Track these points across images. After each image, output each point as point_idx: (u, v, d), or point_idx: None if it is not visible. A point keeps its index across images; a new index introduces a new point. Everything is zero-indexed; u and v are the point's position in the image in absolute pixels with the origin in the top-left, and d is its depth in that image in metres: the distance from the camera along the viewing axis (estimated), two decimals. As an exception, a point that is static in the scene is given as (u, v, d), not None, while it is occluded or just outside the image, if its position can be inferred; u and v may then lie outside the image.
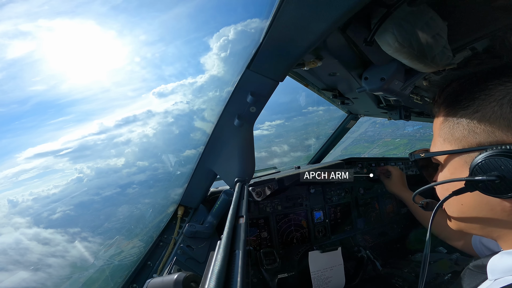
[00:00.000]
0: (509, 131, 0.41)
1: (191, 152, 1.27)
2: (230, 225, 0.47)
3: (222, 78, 1.11)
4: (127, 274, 1.13)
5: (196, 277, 0.57)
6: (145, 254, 1.19)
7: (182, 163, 1.50)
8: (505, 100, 0.41)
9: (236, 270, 0.36)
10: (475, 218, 0.49)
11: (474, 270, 0.50)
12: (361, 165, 2.01)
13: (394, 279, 1.57)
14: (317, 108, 20.99)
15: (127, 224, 1.88)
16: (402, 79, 1.03)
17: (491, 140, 0.42)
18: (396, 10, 0.74)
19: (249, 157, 1.13)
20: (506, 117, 0.41)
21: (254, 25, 0.79)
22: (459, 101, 0.47)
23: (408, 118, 1.69)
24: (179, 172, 1.49)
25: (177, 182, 1.37)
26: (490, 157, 0.42)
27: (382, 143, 17.82)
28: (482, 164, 0.43)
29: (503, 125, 0.41)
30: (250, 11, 0.83)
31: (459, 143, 0.47)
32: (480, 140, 0.44)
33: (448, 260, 1.48)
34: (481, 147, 0.43)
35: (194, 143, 1.25)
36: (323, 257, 1.43)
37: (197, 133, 1.26)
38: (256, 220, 1.62)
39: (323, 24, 0.67)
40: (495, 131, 0.42)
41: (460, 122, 0.46)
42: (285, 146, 15.56)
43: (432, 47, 0.85)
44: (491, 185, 0.42)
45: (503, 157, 0.40)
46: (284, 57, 0.81)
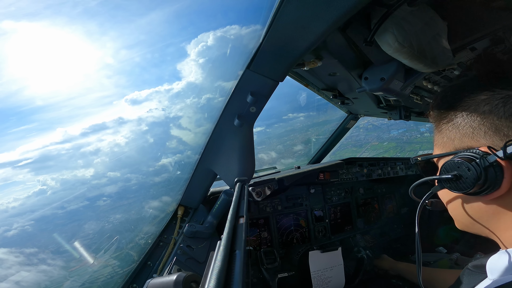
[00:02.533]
0: (474, 137, 0.47)
1: (167, 160, 1.25)
2: (230, 225, 0.47)
3: (200, 85, 1.11)
4: (127, 274, 1.13)
5: (196, 277, 0.57)
6: (145, 254, 1.19)
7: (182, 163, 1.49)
8: (470, 110, 0.47)
9: (236, 270, 0.36)
10: (465, 217, 0.53)
11: (473, 270, 0.51)
12: (361, 165, 2.01)
13: (394, 279, 1.57)
14: (298, 115, 20.95)
15: (97, 240, 1.76)
16: (402, 79, 1.03)
17: (462, 145, 0.49)
18: (396, 10, 0.74)
19: (249, 157, 1.13)
20: (471, 125, 0.47)
21: (254, 25, 0.79)
22: (441, 112, 0.54)
23: (408, 118, 1.69)
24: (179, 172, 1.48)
25: (177, 182, 1.37)
26: (452, 160, 0.49)
27: (371, 147, 17.89)
28: (445, 165, 0.50)
29: (469, 132, 0.48)
30: (250, 11, 0.83)
31: (443, 148, 0.54)
32: (455, 145, 0.50)
33: (448, 260, 1.48)
34: (453, 152, 0.50)
35: (170, 152, 1.23)
36: (323, 257, 1.43)
37: (173, 141, 1.25)
38: (256, 220, 1.62)
39: (323, 24, 0.67)
40: (463, 137, 0.49)
41: (442, 130, 0.54)
42: (273, 153, 15.56)
43: (432, 47, 0.85)
44: (454, 184, 0.49)
45: (460, 159, 0.47)
46: (284, 57, 0.81)
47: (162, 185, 1.29)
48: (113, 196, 2.89)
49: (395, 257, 1.87)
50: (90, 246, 1.80)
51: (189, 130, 1.08)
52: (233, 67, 0.92)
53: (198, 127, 1.24)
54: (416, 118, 1.94)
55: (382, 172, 2.10)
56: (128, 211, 2.01)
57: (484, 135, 0.46)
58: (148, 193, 1.63)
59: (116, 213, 2.41)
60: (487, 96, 0.46)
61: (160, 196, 1.31)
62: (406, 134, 17.78)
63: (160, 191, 1.29)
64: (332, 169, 1.78)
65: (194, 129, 1.20)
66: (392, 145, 17.62)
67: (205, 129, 1.09)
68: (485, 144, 0.45)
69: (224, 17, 1.88)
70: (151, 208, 1.34)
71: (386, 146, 17.64)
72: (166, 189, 1.46)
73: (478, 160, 0.44)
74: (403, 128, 17.82)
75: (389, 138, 18.28)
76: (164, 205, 1.40)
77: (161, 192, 1.29)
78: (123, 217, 1.88)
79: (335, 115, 2.01)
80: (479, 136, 0.46)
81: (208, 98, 1.25)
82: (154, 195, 1.35)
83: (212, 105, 1.06)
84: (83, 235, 2.17)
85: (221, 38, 1.04)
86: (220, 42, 1.10)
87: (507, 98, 0.43)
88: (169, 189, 1.43)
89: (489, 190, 0.45)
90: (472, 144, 0.47)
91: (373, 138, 18.67)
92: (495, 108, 0.44)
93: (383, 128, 18.64)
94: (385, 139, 18.31)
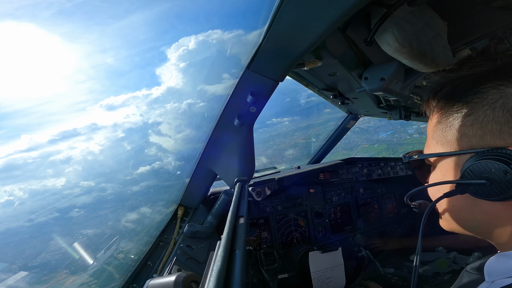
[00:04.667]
0: (501, 135, 0.41)
1: (145, 168, 1.23)
2: (230, 225, 0.47)
3: (180, 90, 1.10)
4: (127, 274, 1.13)
5: (196, 277, 0.57)
6: (145, 254, 1.19)
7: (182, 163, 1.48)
8: (498, 104, 0.41)
9: (236, 270, 0.36)
10: (467, 220, 0.49)
11: (471, 272, 0.50)
12: (361, 165, 2.01)
13: (394, 279, 1.57)
14: (282, 120, 20.74)
15: (69, 255, 1.64)
16: (402, 79, 1.03)
17: (483, 144, 0.43)
18: (396, 10, 0.74)
19: (249, 157, 1.13)
20: (498, 121, 0.41)
21: (254, 25, 0.79)
22: (452, 104, 0.47)
23: (408, 118, 1.69)
24: (179, 172, 1.48)
25: (177, 182, 1.36)
26: (480, 161, 0.42)
27: (362, 149, 17.88)
28: (472, 167, 0.43)
29: (494, 129, 0.41)
30: (250, 12, 0.83)
31: (451, 146, 0.47)
32: (472, 143, 0.44)
33: (446, 259, 1.48)
34: (472, 150, 0.43)
35: (149, 159, 1.21)
36: (323, 257, 1.43)
37: (152, 148, 1.23)
38: (256, 220, 1.62)
39: (323, 24, 0.67)
40: (486, 134, 0.42)
41: (453, 125, 0.46)
42: (263, 158, 15.23)
43: (432, 47, 0.85)
44: (481, 188, 0.43)
45: (493, 161, 0.41)
46: (284, 57, 0.81)
47: (141, 194, 1.25)
48: (87, 207, 2.75)
49: (395, 257, 1.88)
50: (63, 261, 1.69)
51: (169, 136, 1.06)
52: (233, 67, 0.92)
53: (179, 133, 1.21)
54: (416, 118, 1.94)
55: (382, 172, 2.10)
56: (104, 223, 1.93)
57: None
58: (125, 204, 1.57)
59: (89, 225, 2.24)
60: None
61: (138, 207, 1.27)
62: (395, 136, 17.81)
63: (139, 202, 1.25)
64: (332, 169, 1.78)
65: (174, 135, 1.17)
66: (383, 147, 17.62)
67: (185, 134, 1.07)
68: None
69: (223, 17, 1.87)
70: (128, 221, 1.29)
71: (377, 148, 17.64)
72: (145, 199, 1.41)
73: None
74: (391, 130, 17.89)
75: (379, 140, 18.28)
76: (142, 217, 1.35)
77: (139, 202, 1.25)
78: (98, 230, 1.79)
79: (319, 119, 1.98)
80: (508, 134, 0.40)
81: (167, 109, 1.22)
82: (132, 206, 1.31)
83: (169, 118, 1.04)
84: (54, 248, 1.94)
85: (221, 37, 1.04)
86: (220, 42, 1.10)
87: None
88: (147, 199, 1.39)
89: None
90: (497, 143, 0.41)
91: (362, 140, 18.68)
92: None
93: (371, 131, 18.65)
94: (374, 141, 18.30)
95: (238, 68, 0.89)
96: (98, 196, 2.94)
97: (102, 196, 2.86)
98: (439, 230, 0.56)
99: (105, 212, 2.47)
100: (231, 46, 0.99)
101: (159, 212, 1.29)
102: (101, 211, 2.90)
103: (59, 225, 2.39)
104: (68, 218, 2.77)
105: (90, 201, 2.91)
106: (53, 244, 1.98)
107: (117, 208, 1.56)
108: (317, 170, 1.72)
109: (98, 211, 2.94)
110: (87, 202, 2.95)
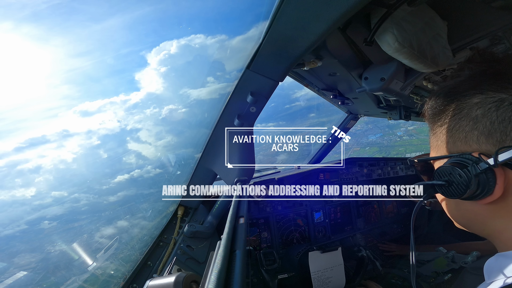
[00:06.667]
0: (466, 142, 0.46)
1: (123, 177, 1.18)
2: (230, 225, 0.47)
3: (161, 95, 1.08)
4: (127, 274, 1.13)
5: (196, 277, 0.57)
6: (145, 254, 1.19)
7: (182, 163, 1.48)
8: (463, 114, 0.46)
9: (236, 270, 0.36)
10: (461, 218, 0.53)
11: (472, 272, 0.51)
12: (361, 165, 2.01)
13: (394, 279, 1.57)
14: (267, 125, 20.66)
15: (42, 269, 1.55)
16: (402, 79, 1.03)
17: (456, 150, 0.48)
18: (396, 10, 0.74)
19: (249, 157, 1.13)
20: (463, 130, 0.46)
21: (254, 25, 0.79)
22: (433, 114, 0.53)
23: (408, 118, 1.69)
24: (179, 172, 1.48)
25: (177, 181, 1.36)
26: (444, 165, 0.48)
27: (353, 153, 17.87)
28: (438, 170, 0.49)
29: (462, 136, 0.46)
30: (250, 12, 0.83)
31: (437, 151, 0.53)
32: (449, 149, 0.49)
33: (444, 258, 1.48)
34: (446, 156, 0.49)
35: (128, 167, 1.15)
36: (323, 257, 1.43)
37: (131, 155, 1.19)
38: (256, 220, 1.62)
39: (323, 24, 0.67)
40: (457, 141, 0.47)
41: (436, 133, 0.53)
42: None
43: (432, 47, 0.85)
44: (445, 188, 0.48)
45: (451, 165, 0.46)
46: (284, 57, 0.81)
47: (119, 205, 1.19)
48: (59, 219, 2.60)
49: (395, 257, 1.88)
50: (33, 278, 1.59)
51: (149, 143, 1.02)
52: (233, 68, 0.92)
53: (159, 140, 1.18)
54: (416, 118, 1.94)
55: (382, 172, 2.10)
56: (79, 235, 1.83)
57: (476, 140, 0.44)
58: (101, 216, 1.50)
59: (61, 238, 2.05)
60: (480, 99, 0.44)
61: (115, 220, 1.22)
62: (384, 138, 17.82)
63: (117, 213, 1.20)
64: (332, 169, 1.79)
65: (154, 142, 1.13)
66: (375, 149, 17.58)
67: (166, 141, 1.06)
68: (477, 149, 0.44)
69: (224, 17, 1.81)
70: (103, 236, 1.23)
71: (368, 151, 17.60)
72: (124, 209, 1.34)
73: (469, 167, 0.44)
74: (379, 133, 17.92)
75: (369, 143, 18.27)
76: (119, 231, 1.29)
77: (118, 214, 1.20)
78: (72, 242, 1.68)
79: (303, 124, 1.96)
80: (472, 141, 0.45)
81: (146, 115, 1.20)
82: (109, 218, 1.25)
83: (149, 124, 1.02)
84: (23, 263, 1.76)
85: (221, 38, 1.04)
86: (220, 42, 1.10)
87: (499, 102, 0.42)
88: (127, 210, 1.33)
89: (481, 196, 0.44)
90: (465, 149, 0.46)
91: (353, 144, 18.66)
92: (488, 112, 0.43)
93: (359, 134, 18.62)
94: (365, 144, 18.29)
95: (238, 68, 0.90)
96: (70, 207, 2.77)
97: (75, 207, 2.71)
98: (473, 236, 0.59)
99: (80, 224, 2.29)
100: (231, 46, 0.99)
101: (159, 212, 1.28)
102: (75, 223, 2.73)
103: (28, 238, 2.22)
104: (39, 230, 2.60)
105: (62, 212, 2.75)
106: (21, 258, 1.82)
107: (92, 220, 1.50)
108: (317, 170, 1.72)
109: (72, 223, 2.77)
110: (59, 213, 2.79)
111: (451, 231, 2.09)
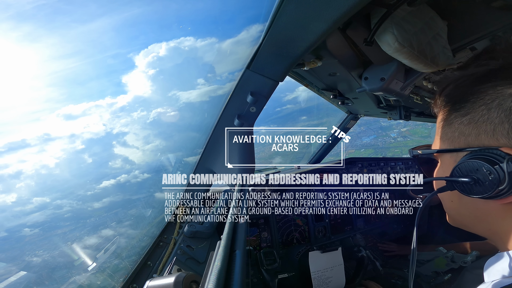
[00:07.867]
0: (494, 135, 0.42)
1: (109, 182, 1.17)
2: (230, 225, 0.47)
3: (149, 98, 1.07)
4: (127, 274, 1.13)
5: (196, 277, 0.57)
6: (145, 254, 1.19)
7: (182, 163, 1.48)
8: (494, 104, 0.42)
9: (236, 270, 0.36)
10: (466, 216, 0.50)
11: (472, 272, 0.51)
12: (361, 165, 2.01)
13: (394, 279, 1.57)
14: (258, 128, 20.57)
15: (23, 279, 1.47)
16: (402, 79, 1.03)
17: (478, 143, 0.44)
18: (396, 10, 0.74)
19: (249, 157, 1.13)
20: (492, 122, 0.42)
21: (254, 25, 0.79)
22: (453, 102, 0.48)
23: (408, 118, 1.69)
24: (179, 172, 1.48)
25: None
26: (469, 159, 0.43)
27: (348, 155, 17.93)
28: (462, 165, 0.44)
29: (488, 129, 0.42)
30: (250, 12, 0.83)
31: (451, 143, 0.48)
32: (468, 142, 0.45)
33: (444, 258, 1.48)
34: (467, 149, 0.45)
35: (114, 172, 1.14)
36: (323, 257, 1.43)
37: (117, 160, 1.17)
38: (256, 220, 1.62)
39: (323, 24, 0.67)
40: (481, 134, 0.43)
41: (453, 123, 0.48)
42: None
43: (432, 47, 0.85)
44: (467, 186, 0.44)
45: (480, 160, 0.42)
46: (284, 57, 0.81)
47: (105, 211, 1.18)
48: (41, 225, 2.52)
49: (395, 257, 1.88)
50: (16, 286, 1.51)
51: (136, 147, 1.02)
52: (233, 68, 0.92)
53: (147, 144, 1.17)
54: (416, 118, 1.94)
55: (382, 172, 2.10)
56: (62, 242, 1.77)
57: (507, 134, 0.40)
58: (86, 223, 1.47)
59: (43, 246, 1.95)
60: None
61: (101, 229, 1.20)
62: (379, 140, 17.83)
63: (104, 220, 1.18)
64: (332, 169, 1.79)
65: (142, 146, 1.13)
66: (370, 151, 17.57)
67: (154, 145, 1.06)
68: (506, 144, 0.40)
69: (224, 17, 1.81)
70: (87, 246, 1.21)
71: (364, 153, 17.62)
72: (110, 215, 1.32)
73: (503, 164, 0.40)
74: (373, 135, 17.93)
75: (363, 145, 18.28)
76: (105, 241, 1.26)
77: (104, 221, 1.18)
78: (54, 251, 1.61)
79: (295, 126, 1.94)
80: (501, 135, 0.41)
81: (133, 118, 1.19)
82: (94, 224, 1.24)
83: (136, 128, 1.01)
84: (2, 272, 1.69)
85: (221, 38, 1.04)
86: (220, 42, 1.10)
87: None
88: (114, 216, 1.30)
89: (507, 194, 0.41)
90: (491, 143, 0.42)
91: (347, 146, 18.66)
92: None
93: (353, 136, 18.62)
94: (360, 146, 18.30)
95: (238, 68, 0.90)
96: (52, 213, 2.68)
97: (58, 214, 2.62)
98: (473, 236, 0.56)
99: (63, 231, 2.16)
100: (231, 46, 0.99)
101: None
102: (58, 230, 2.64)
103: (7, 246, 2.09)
104: (20, 237, 2.49)
105: (44, 219, 2.66)
106: (0, 267, 1.72)
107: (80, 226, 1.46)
108: (317, 170, 1.72)
109: (55, 229, 2.69)
110: (40, 220, 2.69)
111: (451, 231, 2.09)
